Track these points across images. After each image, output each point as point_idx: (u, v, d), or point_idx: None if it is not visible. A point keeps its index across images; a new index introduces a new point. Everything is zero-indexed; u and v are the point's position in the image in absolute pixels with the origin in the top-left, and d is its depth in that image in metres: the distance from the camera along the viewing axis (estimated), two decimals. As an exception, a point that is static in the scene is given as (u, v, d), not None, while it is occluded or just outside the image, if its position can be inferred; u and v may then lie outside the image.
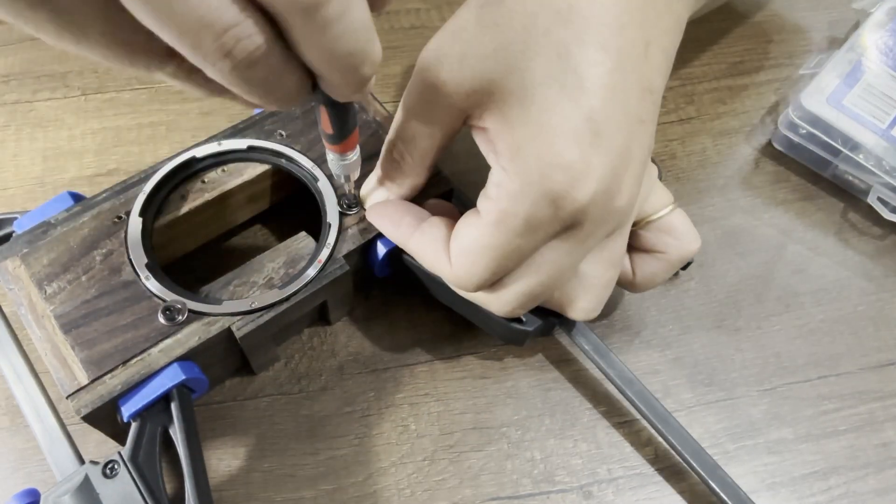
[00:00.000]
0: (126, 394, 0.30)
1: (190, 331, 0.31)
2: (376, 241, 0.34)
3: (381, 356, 0.37)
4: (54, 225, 0.33)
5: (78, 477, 0.29)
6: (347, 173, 0.31)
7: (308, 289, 0.32)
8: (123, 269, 0.32)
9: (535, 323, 0.34)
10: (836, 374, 0.38)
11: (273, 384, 0.36)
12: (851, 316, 0.40)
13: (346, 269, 0.33)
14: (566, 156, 0.26)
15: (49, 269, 0.32)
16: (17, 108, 0.45)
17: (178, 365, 0.30)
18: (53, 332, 0.31)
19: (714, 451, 0.35)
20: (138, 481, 0.29)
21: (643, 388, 0.34)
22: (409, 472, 0.34)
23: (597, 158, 0.26)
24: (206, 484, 0.30)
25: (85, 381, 0.30)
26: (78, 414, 0.29)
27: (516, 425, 0.36)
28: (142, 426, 0.30)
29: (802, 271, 0.41)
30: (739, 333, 0.39)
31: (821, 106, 0.42)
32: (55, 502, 0.28)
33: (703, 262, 0.41)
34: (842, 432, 0.37)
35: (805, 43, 0.51)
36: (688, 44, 0.51)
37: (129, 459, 0.29)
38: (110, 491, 0.29)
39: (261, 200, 0.38)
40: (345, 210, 0.34)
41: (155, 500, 0.29)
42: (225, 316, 0.31)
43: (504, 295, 0.29)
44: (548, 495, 0.34)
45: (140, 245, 0.33)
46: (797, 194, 0.44)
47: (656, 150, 0.46)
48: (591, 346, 0.35)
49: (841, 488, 0.35)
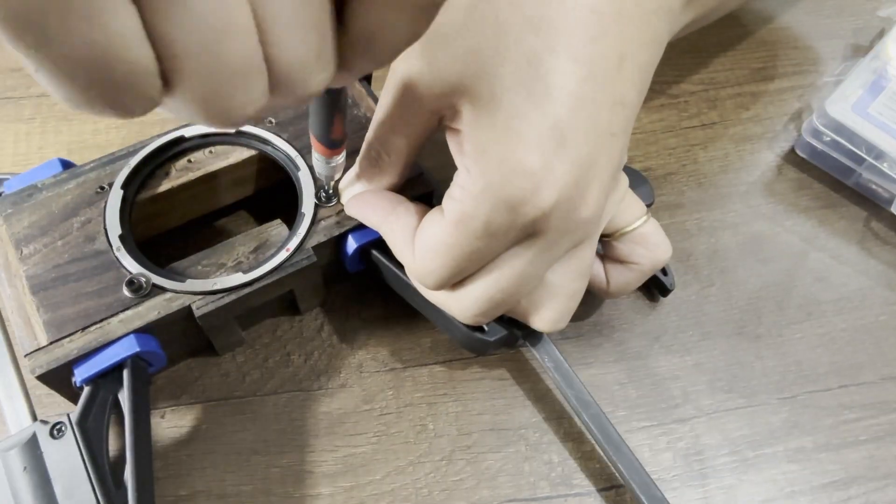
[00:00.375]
0: (81, 359, 0.30)
1: (151, 304, 0.31)
2: (348, 235, 0.34)
3: (401, 355, 0.37)
4: (40, 189, 0.34)
5: (26, 433, 0.30)
6: (331, 174, 0.32)
7: (272, 276, 0.33)
8: (98, 237, 0.33)
9: (496, 333, 0.33)
10: (857, 384, 0.38)
11: (292, 380, 0.36)
12: (873, 325, 0.40)
13: (314, 259, 0.33)
14: (529, 162, 0.26)
15: (28, 230, 0.33)
16: (42, 101, 0.45)
17: (135, 336, 0.31)
18: (23, 292, 0.31)
19: (733, 459, 0.35)
20: (82, 445, 0.29)
21: (600, 412, 0.33)
22: (427, 472, 0.35)
23: (560, 167, 0.26)
24: (148, 455, 0.31)
25: (44, 343, 0.30)
26: (33, 373, 0.30)
27: (534, 427, 0.36)
28: (93, 392, 0.31)
29: (824, 279, 0.41)
30: (760, 341, 0.39)
31: (845, 113, 0.42)
32: (2, 455, 0.29)
33: (724, 269, 0.41)
34: (862, 442, 0.36)
35: (829, 50, 0.51)
36: (711, 48, 0.51)
37: (76, 423, 0.30)
38: (54, 451, 0.29)
39: (246, 185, 0.38)
40: (322, 203, 0.35)
41: (95, 464, 0.29)
42: (187, 294, 0.32)
43: (464, 298, 0.30)
44: (565, 498, 0.34)
45: (117, 216, 0.33)
46: (820, 202, 0.44)
47: (678, 155, 0.45)
48: (552, 364, 0.34)
49: (861, 499, 0.35)
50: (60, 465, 0.29)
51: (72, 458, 0.29)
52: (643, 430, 0.36)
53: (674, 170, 0.45)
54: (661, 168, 0.45)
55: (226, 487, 0.34)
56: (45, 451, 0.29)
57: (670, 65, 0.50)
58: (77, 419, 0.30)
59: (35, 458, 0.29)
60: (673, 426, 0.36)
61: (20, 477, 0.29)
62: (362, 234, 0.34)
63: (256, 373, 0.36)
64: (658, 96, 0.48)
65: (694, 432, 0.36)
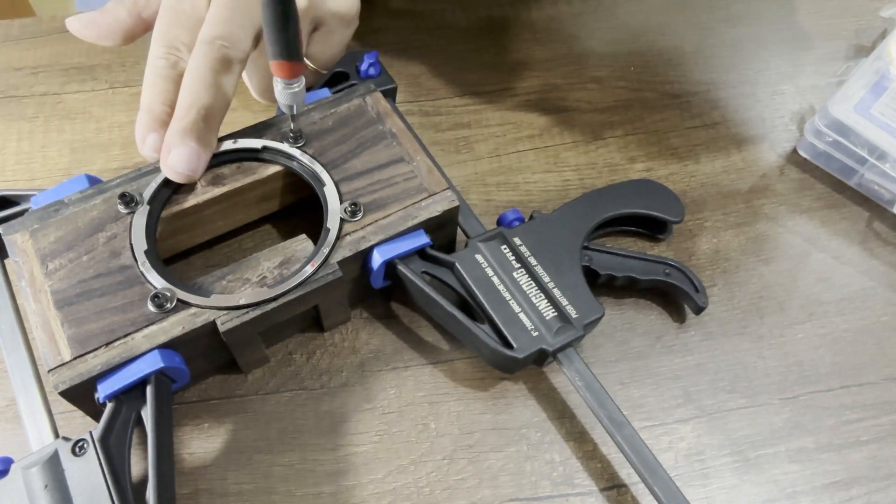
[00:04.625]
0: (105, 375, 0.30)
1: (175, 320, 0.31)
2: (373, 250, 0.34)
3: (403, 354, 0.37)
4: (67, 205, 0.34)
5: (47, 451, 0.29)
6: (292, 103, 0.32)
7: (297, 291, 0.32)
8: (123, 253, 0.33)
9: (525, 350, 0.33)
10: (858, 384, 0.38)
11: (294, 379, 0.36)
12: (875, 326, 0.40)
13: (339, 274, 0.33)
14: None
15: (54, 245, 0.33)
16: (45, 99, 0.45)
17: (159, 352, 0.31)
18: (47, 307, 0.31)
19: (734, 459, 0.35)
20: (104, 463, 0.29)
21: (634, 433, 0.32)
22: (429, 471, 0.35)
23: None
24: (171, 473, 0.31)
25: (68, 358, 0.30)
26: (56, 389, 0.30)
27: (536, 427, 0.36)
28: (116, 409, 0.30)
29: (826, 280, 0.41)
30: (762, 341, 0.39)
31: (848, 114, 0.42)
32: (23, 472, 0.29)
33: (726, 269, 0.41)
34: (864, 443, 0.36)
35: (832, 50, 0.51)
36: (714, 49, 0.51)
37: (98, 440, 0.29)
38: (76, 468, 0.29)
39: (271, 201, 0.38)
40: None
41: (117, 483, 0.29)
42: (212, 309, 0.32)
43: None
44: (567, 498, 0.34)
45: (143, 231, 0.33)
46: (822, 202, 0.44)
47: (680, 157, 0.45)
48: (583, 382, 0.34)
49: (862, 499, 0.35)
50: (82, 484, 0.29)
51: (93, 477, 0.29)
52: (645, 429, 0.36)
53: (676, 170, 0.45)
54: (664, 168, 0.45)
55: (227, 486, 0.34)
56: (66, 468, 0.29)
57: (672, 65, 0.50)
58: (99, 436, 0.29)
59: (56, 476, 0.29)
60: (675, 426, 0.36)
61: (41, 495, 0.28)
62: (388, 249, 0.34)
63: (258, 372, 0.36)
64: (661, 97, 0.48)
65: (696, 432, 0.36)
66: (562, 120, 0.47)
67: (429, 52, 0.49)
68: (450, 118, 0.46)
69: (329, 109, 0.38)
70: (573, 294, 0.35)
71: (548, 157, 0.45)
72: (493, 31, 0.51)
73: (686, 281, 0.38)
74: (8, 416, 0.35)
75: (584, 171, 0.45)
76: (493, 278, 0.35)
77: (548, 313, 0.34)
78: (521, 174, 0.44)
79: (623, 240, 0.42)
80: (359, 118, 0.38)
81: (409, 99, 0.47)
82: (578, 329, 0.34)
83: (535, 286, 0.35)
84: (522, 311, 0.35)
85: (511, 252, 0.36)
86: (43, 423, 0.31)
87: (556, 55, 0.50)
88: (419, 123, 0.46)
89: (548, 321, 0.34)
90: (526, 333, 0.34)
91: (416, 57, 0.49)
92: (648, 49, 0.51)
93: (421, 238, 0.35)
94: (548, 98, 0.48)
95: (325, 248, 0.33)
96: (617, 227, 0.41)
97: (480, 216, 0.40)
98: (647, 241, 0.42)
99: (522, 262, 0.36)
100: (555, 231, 0.37)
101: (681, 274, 0.38)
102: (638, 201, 0.40)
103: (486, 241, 0.36)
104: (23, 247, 0.33)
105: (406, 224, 0.35)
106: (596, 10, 0.53)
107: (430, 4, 0.52)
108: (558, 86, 0.49)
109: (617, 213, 0.39)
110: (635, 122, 0.47)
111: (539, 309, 0.35)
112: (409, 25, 0.51)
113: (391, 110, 0.38)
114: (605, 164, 0.45)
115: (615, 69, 0.50)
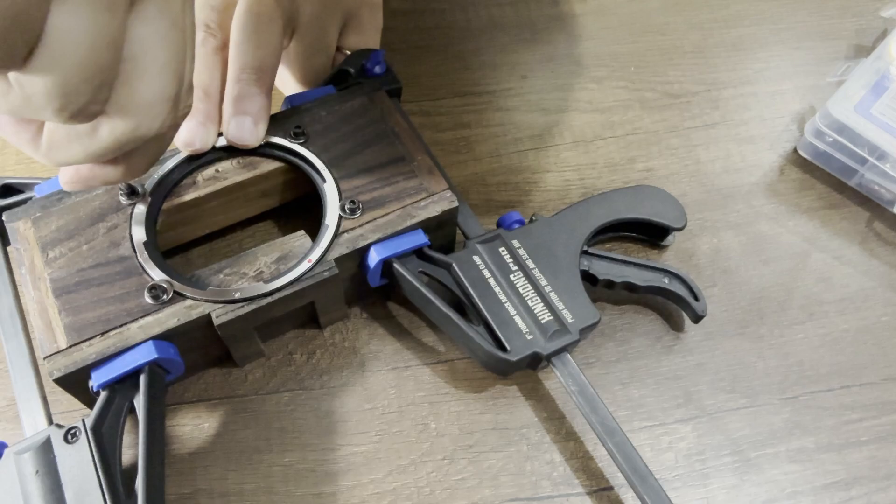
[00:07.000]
0: (99, 364, 0.30)
1: (171, 311, 0.31)
2: (370, 248, 0.34)
3: (403, 354, 0.37)
4: (69, 194, 0.34)
5: (40, 437, 0.30)
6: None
7: (293, 286, 0.32)
8: (122, 243, 0.33)
9: (519, 353, 0.33)
10: (859, 385, 0.38)
11: (295, 379, 0.36)
12: (876, 326, 0.40)
13: (335, 271, 0.33)
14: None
15: (55, 234, 0.33)
16: (45, 99, 0.45)
17: (154, 343, 0.31)
18: (46, 295, 0.32)
19: (735, 459, 0.35)
20: (95, 451, 0.29)
21: (625, 440, 0.32)
22: (429, 471, 0.35)
23: None
24: (161, 465, 0.31)
25: (64, 346, 0.30)
26: (51, 376, 0.30)
27: (536, 427, 0.36)
28: (109, 398, 0.30)
29: (826, 280, 0.41)
30: (762, 341, 0.39)
31: (848, 114, 0.42)
32: (15, 458, 0.29)
33: (726, 269, 0.41)
34: (864, 443, 0.36)
35: (832, 50, 0.51)
36: (713, 49, 0.51)
37: (90, 428, 0.30)
38: (67, 455, 0.29)
39: (272, 196, 0.38)
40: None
41: (107, 471, 0.29)
42: (207, 302, 0.32)
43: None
44: (567, 498, 0.34)
45: (143, 223, 0.33)
46: (822, 202, 0.44)
47: (680, 157, 0.45)
48: (576, 387, 0.34)
49: (862, 499, 0.35)
50: (73, 471, 0.29)
51: (84, 465, 0.29)
52: (645, 429, 0.36)
53: (676, 170, 0.45)
54: (664, 168, 0.45)
55: (228, 486, 0.34)
56: (58, 455, 0.29)
57: (673, 65, 0.50)
58: (91, 425, 0.30)
59: (48, 463, 0.29)
60: (675, 426, 0.36)
61: (32, 480, 0.29)
62: (385, 247, 0.34)
63: (258, 371, 0.37)
64: (661, 97, 0.48)
65: (696, 432, 0.36)
66: (562, 120, 0.47)
67: (429, 52, 0.49)
68: (450, 118, 0.46)
69: (333, 106, 0.38)
70: (570, 299, 0.35)
71: (548, 157, 0.45)
72: (493, 31, 0.51)
73: (685, 289, 0.38)
74: (8, 417, 0.35)
75: (584, 171, 0.45)
76: (489, 280, 0.35)
77: (543, 317, 0.34)
78: (521, 174, 0.44)
79: (624, 244, 0.42)
80: (362, 116, 0.38)
81: (410, 98, 0.47)
82: (574, 334, 0.34)
83: (532, 289, 0.35)
84: (518, 314, 0.34)
85: (509, 254, 0.36)
86: (37, 408, 0.31)
87: (556, 55, 0.50)
88: (419, 123, 0.46)
89: (543, 325, 0.34)
90: (520, 336, 0.34)
91: (416, 57, 0.49)
92: (648, 49, 0.51)
93: (419, 237, 0.35)
94: (548, 98, 0.48)
95: (323, 244, 0.33)
96: (618, 232, 0.41)
97: (480, 216, 0.40)
98: (649, 247, 0.42)
99: (520, 264, 0.36)
100: (554, 234, 0.37)
101: (680, 282, 0.38)
102: (640, 207, 0.39)
103: (484, 243, 0.36)
104: (25, 234, 0.33)
105: (404, 223, 0.35)
106: (596, 10, 0.53)
107: (430, 4, 0.52)
108: (558, 86, 0.49)
109: (618, 219, 0.39)
110: (635, 122, 0.47)
111: (535, 312, 0.35)
112: (409, 25, 0.51)
113: (395, 109, 0.38)
114: (606, 164, 0.45)
115: (615, 69, 0.50)
